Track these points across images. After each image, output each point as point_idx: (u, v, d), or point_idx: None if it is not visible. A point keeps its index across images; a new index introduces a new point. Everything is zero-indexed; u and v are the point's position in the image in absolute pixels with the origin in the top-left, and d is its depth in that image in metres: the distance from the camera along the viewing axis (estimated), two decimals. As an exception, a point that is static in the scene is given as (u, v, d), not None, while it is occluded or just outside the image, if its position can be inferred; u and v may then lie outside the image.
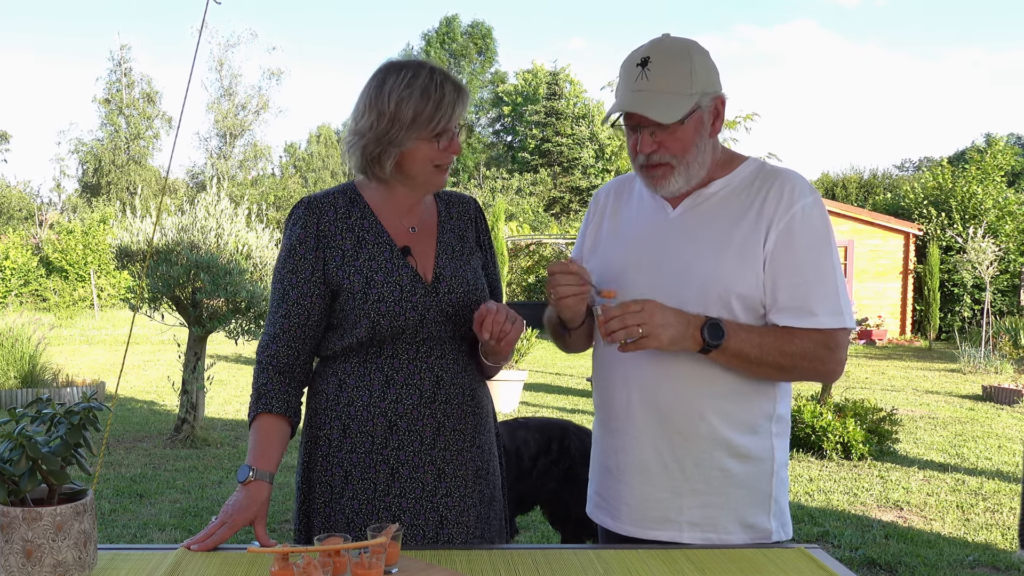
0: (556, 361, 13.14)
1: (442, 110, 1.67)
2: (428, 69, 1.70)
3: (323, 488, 1.74)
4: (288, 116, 71.18)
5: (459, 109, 1.70)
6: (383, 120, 1.67)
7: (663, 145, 1.66)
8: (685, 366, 1.68)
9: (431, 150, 1.70)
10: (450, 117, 1.69)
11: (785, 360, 1.63)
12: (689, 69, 1.65)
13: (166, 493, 5.66)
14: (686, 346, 1.60)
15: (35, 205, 38.36)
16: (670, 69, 1.64)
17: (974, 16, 71.45)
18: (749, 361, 1.63)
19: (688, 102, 1.64)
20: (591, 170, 37.52)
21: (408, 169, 1.72)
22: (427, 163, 1.71)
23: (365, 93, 1.72)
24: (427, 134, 1.68)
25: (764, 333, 1.63)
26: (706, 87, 1.66)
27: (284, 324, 1.72)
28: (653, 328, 1.56)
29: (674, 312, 1.59)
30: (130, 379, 10.96)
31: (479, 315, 1.65)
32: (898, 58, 76.44)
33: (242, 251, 7.10)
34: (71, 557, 1.37)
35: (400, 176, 1.74)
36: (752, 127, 9.53)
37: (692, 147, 1.67)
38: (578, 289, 1.65)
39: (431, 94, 1.67)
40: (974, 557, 4.49)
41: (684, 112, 1.63)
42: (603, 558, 1.56)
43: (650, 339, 1.57)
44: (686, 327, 1.59)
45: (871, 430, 6.75)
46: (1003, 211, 18.03)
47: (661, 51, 1.66)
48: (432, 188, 1.78)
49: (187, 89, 3.84)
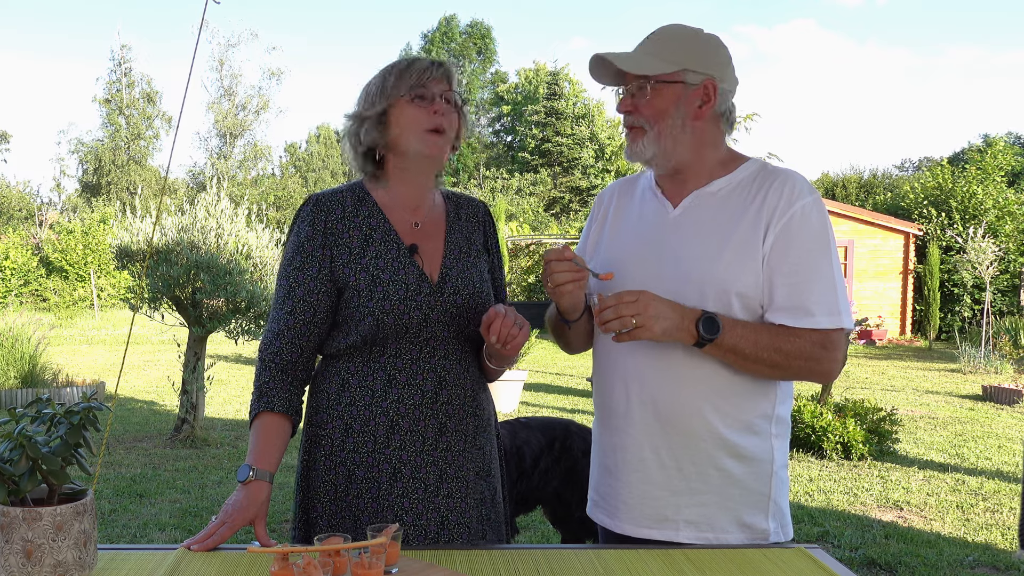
0: (556, 361, 13.14)
1: (417, 64, 1.72)
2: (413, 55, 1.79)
3: (325, 487, 1.74)
4: (288, 116, 71.29)
5: (434, 72, 1.72)
6: (369, 96, 1.73)
7: (637, 109, 1.71)
8: (685, 365, 1.68)
9: (415, 111, 1.71)
10: (421, 75, 1.71)
11: (780, 358, 1.63)
12: (681, 46, 1.70)
13: (166, 493, 5.66)
14: (680, 338, 1.60)
15: (35, 205, 38.36)
16: (663, 41, 1.71)
17: (974, 15, 71.51)
18: (744, 357, 1.63)
19: (666, 67, 1.68)
20: (591, 170, 37.50)
21: (398, 141, 1.73)
22: (415, 127, 1.71)
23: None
24: (407, 91, 1.70)
25: (760, 330, 1.63)
26: (697, 65, 1.69)
27: (289, 321, 1.72)
28: (646, 319, 1.56)
29: (669, 304, 1.59)
30: (130, 379, 10.96)
31: (487, 318, 1.65)
32: (898, 58, 76.50)
33: (242, 251, 7.10)
34: (71, 557, 1.37)
35: (394, 154, 1.75)
36: (752, 127, 9.51)
37: (667, 117, 1.70)
38: (574, 275, 1.65)
39: (407, 60, 1.74)
40: (974, 557, 4.49)
41: (653, 71, 1.67)
42: (603, 558, 1.56)
43: (643, 330, 1.57)
44: (680, 320, 1.59)
45: (871, 430, 6.75)
46: (1003, 211, 18.03)
47: (671, 27, 1.75)
48: (430, 156, 1.74)
49: (187, 89, 3.84)
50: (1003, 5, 66.67)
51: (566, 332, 1.86)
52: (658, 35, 1.73)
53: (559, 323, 1.83)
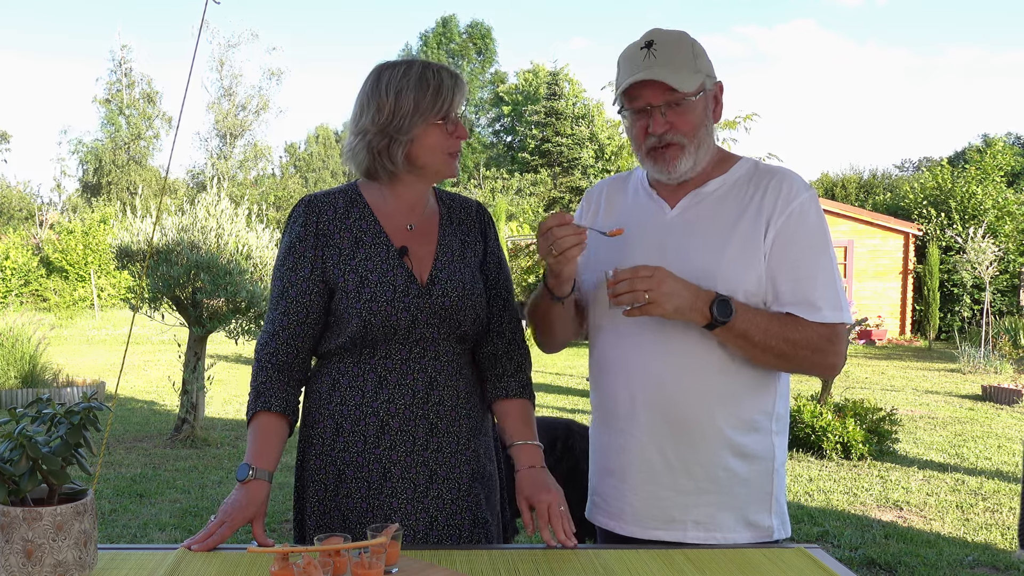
0: (556, 361, 13.14)
1: (442, 94, 1.69)
2: (420, 63, 1.73)
3: (316, 487, 1.74)
4: (288, 116, 71.30)
5: (459, 95, 1.72)
6: (383, 112, 1.69)
7: (674, 125, 1.68)
8: (689, 364, 1.68)
9: (440, 135, 1.71)
10: (451, 100, 1.70)
11: (788, 348, 1.63)
12: (691, 52, 1.69)
13: (166, 493, 5.66)
14: (691, 318, 1.60)
15: (35, 205, 38.35)
16: (675, 48, 1.68)
17: (974, 15, 71.52)
18: (753, 344, 1.63)
19: (698, 78, 1.67)
20: (591, 170, 37.48)
21: (419, 159, 1.72)
22: (438, 151, 1.72)
23: (362, 93, 1.74)
24: (432, 118, 1.69)
25: (771, 318, 1.64)
26: (708, 70, 1.71)
27: (283, 321, 1.72)
28: (659, 295, 1.56)
29: (684, 283, 1.59)
30: (130, 379, 10.96)
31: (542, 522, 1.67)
32: (898, 58, 76.52)
33: (242, 251, 7.10)
34: (71, 557, 1.38)
35: (411, 168, 1.74)
36: (752, 127, 9.54)
37: (701, 128, 1.70)
38: (578, 238, 1.61)
39: (429, 81, 1.70)
40: (974, 557, 4.49)
41: (696, 85, 1.66)
42: (603, 558, 1.56)
43: (654, 306, 1.56)
44: (694, 300, 1.59)
45: (871, 430, 6.75)
46: (1003, 211, 18.02)
47: (662, 35, 1.70)
48: (445, 176, 1.78)
49: (187, 89, 3.84)
50: (1003, 5, 66.71)
51: (551, 314, 1.80)
52: (662, 45, 1.67)
53: (547, 303, 1.77)
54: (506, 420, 1.81)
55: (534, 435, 1.79)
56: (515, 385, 1.83)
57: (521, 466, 1.75)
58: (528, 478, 1.73)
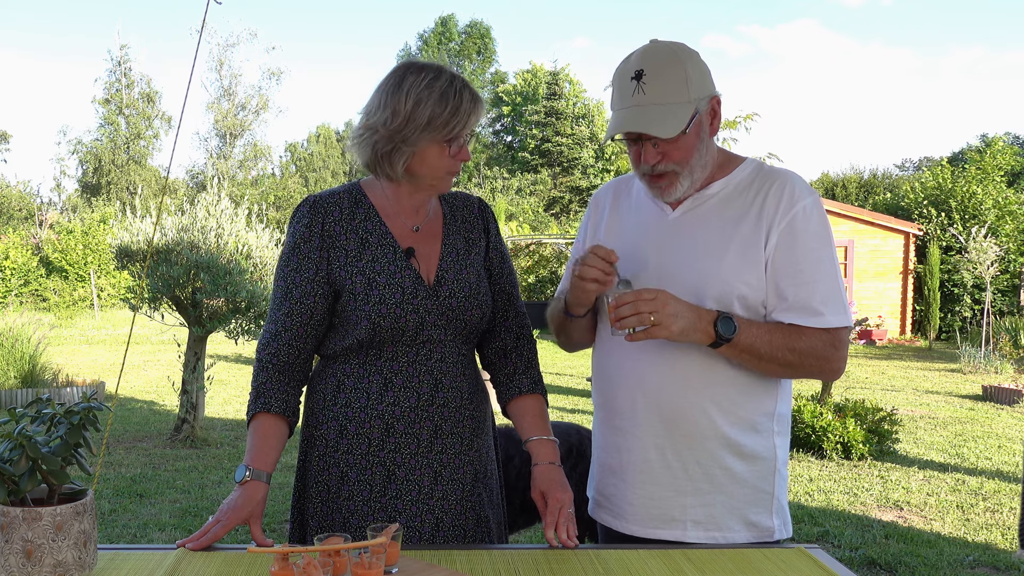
0: (556, 361, 13.14)
1: (459, 116, 1.66)
2: (449, 75, 1.69)
3: (318, 488, 1.74)
4: (288, 116, 71.27)
5: (474, 119, 1.70)
6: (398, 118, 1.66)
7: (667, 155, 1.67)
8: (690, 366, 1.68)
9: (442, 155, 1.69)
10: (465, 124, 1.68)
11: (793, 357, 1.64)
12: (684, 77, 1.64)
13: (166, 493, 5.66)
14: (696, 339, 1.60)
15: (35, 205, 38.31)
16: (665, 79, 1.63)
17: (977, 15, 71.52)
18: (759, 357, 1.63)
19: (687, 111, 1.63)
20: (591, 170, 37.52)
21: (418, 171, 1.71)
22: (437, 169, 1.71)
23: (382, 89, 1.70)
24: (440, 138, 1.67)
25: (774, 330, 1.64)
26: (701, 91, 1.66)
27: (286, 322, 1.71)
28: (664, 317, 1.56)
29: (686, 304, 1.59)
30: (130, 379, 10.96)
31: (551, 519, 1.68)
32: (901, 58, 76.53)
33: (242, 251, 7.10)
34: (71, 557, 1.37)
35: (409, 176, 1.73)
36: (752, 127, 9.53)
37: (695, 152, 1.68)
38: (602, 276, 1.63)
39: (450, 98, 1.66)
40: (974, 557, 4.49)
41: (684, 123, 1.63)
42: (603, 558, 1.56)
43: (660, 328, 1.56)
44: (697, 320, 1.59)
45: (871, 430, 6.75)
46: (1003, 211, 18.02)
47: (653, 61, 1.65)
48: (439, 190, 1.78)
49: (187, 89, 3.85)
50: (1006, 5, 66.70)
51: (568, 326, 1.84)
52: (652, 75, 1.64)
53: (563, 316, 1.82)
54: (523, 417, 1.82)
55: (550, 430, 1.81)
56: (527, 382, 1.85)
57: (540, 460, 1.77)
58: (546, 473, 1.75)
